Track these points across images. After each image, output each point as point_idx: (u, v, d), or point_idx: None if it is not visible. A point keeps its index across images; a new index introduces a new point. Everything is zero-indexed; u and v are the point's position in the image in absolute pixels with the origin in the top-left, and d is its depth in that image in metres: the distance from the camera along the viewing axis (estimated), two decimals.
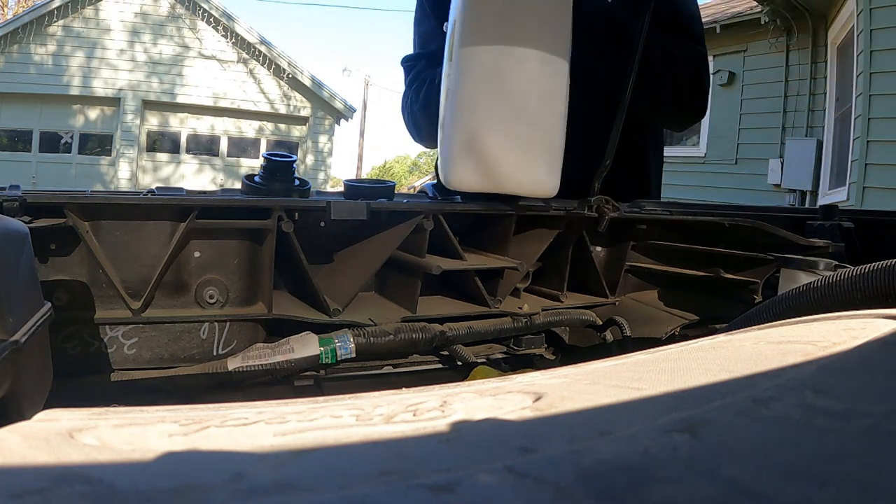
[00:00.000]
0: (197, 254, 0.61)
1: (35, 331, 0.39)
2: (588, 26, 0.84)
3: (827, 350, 0.26)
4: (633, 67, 0.72)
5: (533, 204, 0.71)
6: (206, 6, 10.50)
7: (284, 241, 0.60)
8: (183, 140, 11.10)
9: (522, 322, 0.74)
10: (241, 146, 11.44)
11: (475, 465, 0.17)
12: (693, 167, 6.95)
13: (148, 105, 10.66)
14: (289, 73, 10.97)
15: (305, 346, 0.62)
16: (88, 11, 10.18)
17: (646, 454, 0.17)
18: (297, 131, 11.58)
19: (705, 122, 6.60)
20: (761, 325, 0.39)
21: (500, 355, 0.78)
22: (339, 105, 11.35)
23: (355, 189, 0.67)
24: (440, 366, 0.75)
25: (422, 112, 0.98)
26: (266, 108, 11.20)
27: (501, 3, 0.66)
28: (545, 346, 0.81)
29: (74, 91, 10.18)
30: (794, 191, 5.93)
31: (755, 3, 6.02)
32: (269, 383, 0.64)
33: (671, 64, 0.93)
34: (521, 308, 0.74)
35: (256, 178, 0.66)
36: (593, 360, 0.32)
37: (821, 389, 0.22)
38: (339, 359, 0.63)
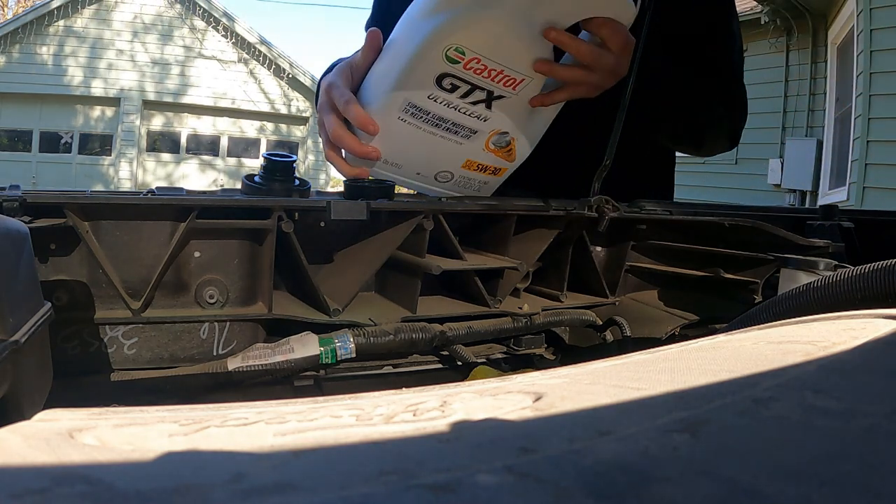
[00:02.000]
0: (197, 254, 0.61)
1: (35, 331, 0.39)
2: None
3: (827, 350, 0.26)
4: (634, 68, 0.72)
5: (533, 204, 0.71)
6: (206, 6, 10.50)
7: (284, 241, 0.60)
8: (183, 140, 11.10)
9: (522, 322, 0.74)
10: (242, 146, 11.45)
11: (475, 465, 0.17)
12: (693, 167, 6.94)
13: (148, 105, 10.67)
14: (289, 74, 10.97)
15: (305, 346, 0.62)
16: (89, 11, 10.18)
17: (646, 454, 0.17)
18: (298, 131, 11.59)
19: None
20: (761, 325, 0.39)
21: (500, 355, 0.78)
22: None
23: (355, 189, 0.67)
24: (440, 366, 0.75)
25: None
26: (266, 108, 11.21)
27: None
28: (545, 346, 0.81)
29: (75, 91, 10.18)
30: (794, 191, 5.93)
31: (755, 3, 6.02)
32: (269, 383, 0.64)
33: (722, 118, 0.92)
34: (521, 308, 0.74)
35: (256, 178, 0.66)
36: (593, 360, 0.32)
37: (821, 389, 0.22)
38: (339, 359, 0.63)
